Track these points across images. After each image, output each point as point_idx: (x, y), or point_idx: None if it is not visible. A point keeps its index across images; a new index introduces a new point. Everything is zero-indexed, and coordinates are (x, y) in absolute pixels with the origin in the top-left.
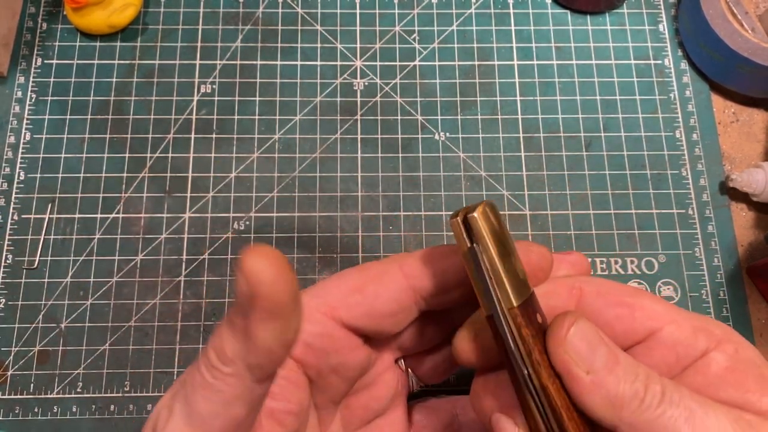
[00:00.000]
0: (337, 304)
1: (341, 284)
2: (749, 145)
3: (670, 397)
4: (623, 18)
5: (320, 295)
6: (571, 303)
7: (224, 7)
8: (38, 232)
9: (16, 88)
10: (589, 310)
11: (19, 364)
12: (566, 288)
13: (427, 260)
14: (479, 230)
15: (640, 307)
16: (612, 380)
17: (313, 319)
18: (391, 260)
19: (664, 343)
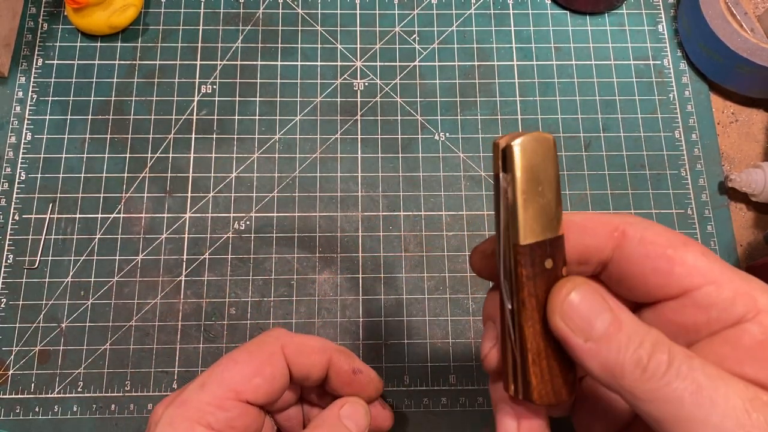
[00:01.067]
0: (243, 389)
1: (241, 370)
2: (748, 146)
3: (678, 368)
4: (623, 18)
5: (224, 381)
6: (610, 245)
7: (225, 7)
8: (39, 232)
9: (17, 88)
10: (628, 257)
11: (19, 364)
12: (608, 229)
13: (301, 350)
14: (512, 162)
15: (681, 263)
16: (612, 348)
17: (228, 406)
18: (272, 341)
19: (699, 304)
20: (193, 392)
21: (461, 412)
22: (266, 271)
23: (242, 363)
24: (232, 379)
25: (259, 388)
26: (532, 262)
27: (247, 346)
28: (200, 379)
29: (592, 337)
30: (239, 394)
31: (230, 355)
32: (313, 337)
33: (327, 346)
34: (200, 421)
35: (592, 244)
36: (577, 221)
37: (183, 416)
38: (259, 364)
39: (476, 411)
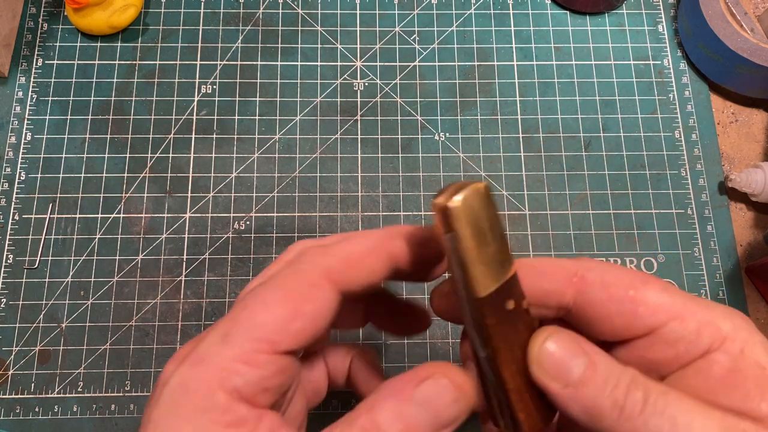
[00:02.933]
0: (278, 338)
1: (273, 313)
2: (748, 146)
3: (654, 405)
4: (622, 18)
5: (253, 329)
6: (570, 290)
7: (225, 7)
8: (39, 232)
9: (17, 88)
10: (590, 302)
11: (19, 364)
12: (565, 274)
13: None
14: (453, 222)
15: (643, 302)
16: (589, 391)
17: (261, 361)
18: (308, 267)
19: (666, 340)
20: (213, 345)
21: None
22: None
23: (274, 302)
24: (265, 327)
25: (301, 334)
26: (495, 311)
27: (278, 278)
28: (221, 328)
29: (569, 383)
30: (275, 345)
31: (257, 292)
32: (354, 239)
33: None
34: (223, 385)
35: (551, 289)
36: (535, 266)
37: (200, 377)
38: (297, 303)
39: None
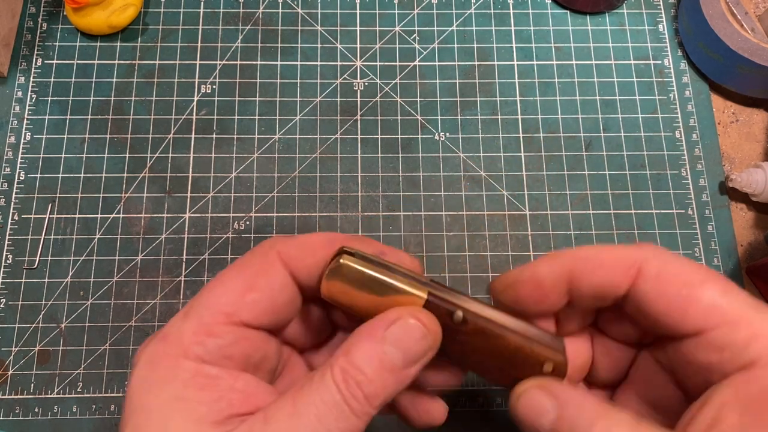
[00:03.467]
0: (234, 309)
1: (229, 288)
2: (749, 145)
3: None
4: (623, 18)
5: (211, 304)
6: (625, 282)
7: (224, 7)
8: (38, 232)
9: (16, 88)
10: (643, 295)
11: (19, 364)
12: (624, 265)
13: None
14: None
15: (696, 302)
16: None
17: (218, 331)
18: (266, 250)
19: (712, 344)
20: (175, 324)
21: (461, 412)
22: None
23: (230, 279)
24: (219, 300)
25: (257, 305)
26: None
27: (237, 261)
28: (184, 309)
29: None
30: (231, 316)
31: (217, 275)
32: (315, 233)
33: (334, 237)
34: (186, 354)
35: (607, 282)
36: (591, 258)
37: (164, 351)
38: (250, 277)
39: (476, 411)
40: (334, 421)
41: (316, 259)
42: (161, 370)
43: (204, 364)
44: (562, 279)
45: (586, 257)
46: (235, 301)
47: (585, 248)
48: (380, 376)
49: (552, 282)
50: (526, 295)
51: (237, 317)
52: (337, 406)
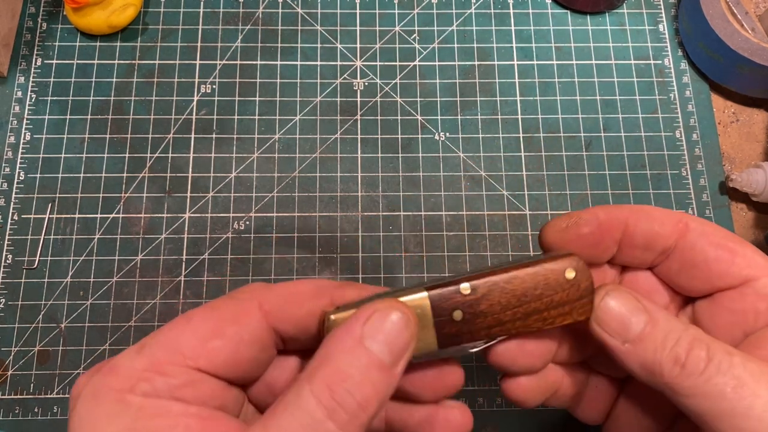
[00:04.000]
0: (193, 353)
1: (194, 329)
2: (749, 145)
3: (718, 364)
4: (623, 18)
5: (168, 342)
6: (675, 234)
7: (224, 7)
8: (38, 232)
9: (16, 88)
10: (691, 246)
11: (19, 364)
12: (673, 219)
13: (288, 300)
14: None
15: (741, 254)
16: (648, 347)
17: (169, 371)
18: (246, 297)
19: (759, 292)
20: (126, 357)
21: None
22: (266, 272)
23: (198, 321)
24: (178, 339)
25: (218, 354)
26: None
27: (211, 302)
28: (141, 342)
29: (629, 339)
30: (188, 359)
31: (188, 312)
32: (302, 281)
33: (322, 285)
34: (133, 390)
35: (660, 232)
36: (646, 210)
37: (110, 386)
38: (219, 322)
39: (477, 411)
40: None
41: (303, 312)
42: (106, 404)
43: (151, 398)
44: (620, 224)
45: (640, 210)
46: (196, 345)
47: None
48: (369, 377)
49: (610, 225)
50: (585, 234)
51: (193, 362)
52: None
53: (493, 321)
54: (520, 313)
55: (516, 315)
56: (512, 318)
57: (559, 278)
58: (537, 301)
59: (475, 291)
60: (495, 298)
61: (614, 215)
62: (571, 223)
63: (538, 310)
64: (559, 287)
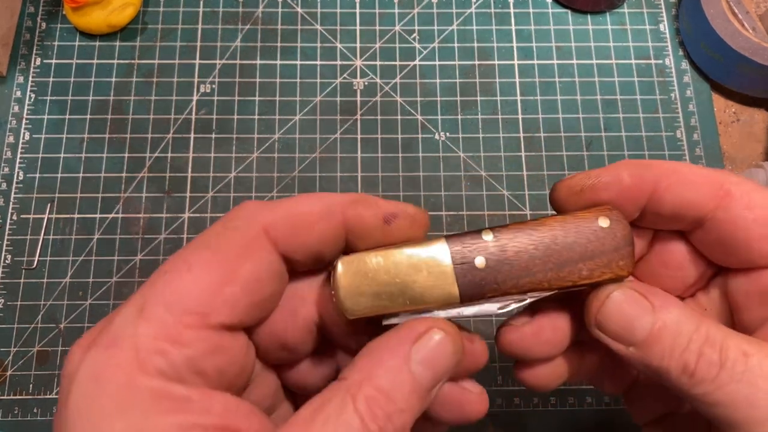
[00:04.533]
0: (208, 308)
1: (200, 277)
2: (750, 145)
3: (731, 370)
4: (624, 18)
5: (176, 300)
6: (712, 203)
7: (224, 6)
8: (37, 232)
9: (15, 87)
10: (732, 219)
11: (18, 365)
12: (712, 185)
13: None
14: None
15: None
16: (655, 353)
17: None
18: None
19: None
20: (127, 322)
21: None
22: None
23: (201, 266)
24: (189, 294)
25: (236, 302)
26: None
27: (206, 236)
28: (137, 299)
29: (633, 343)
30: (204, 317)
31: (179, 254)
32: (305, 197)
33: (332, 202)
34: (144, 368)
35: (693, 200)
36: (679, 171)
37: (115, 363)
38: (229, 262)
39: None
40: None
41: (314, 237)
42: (111, 389)
43: (168, 381)
44: (646, 188)
45: (673, 170)
46: (210, 297)
47: (667, 162)
48: (411, 403)
49: (635, 189)
50: (605, 199)
51: (211, 319)
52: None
53: (522, 271)
54: (552, 263)
55: (547, 264)
56: (543, 268)
57: (592, 225)
58: (569, 250)
59: (499, 238)
60: (521, 244)
61: (642, 178)
62: (588, 186)
63: (571, 261)
64: (593, 236)
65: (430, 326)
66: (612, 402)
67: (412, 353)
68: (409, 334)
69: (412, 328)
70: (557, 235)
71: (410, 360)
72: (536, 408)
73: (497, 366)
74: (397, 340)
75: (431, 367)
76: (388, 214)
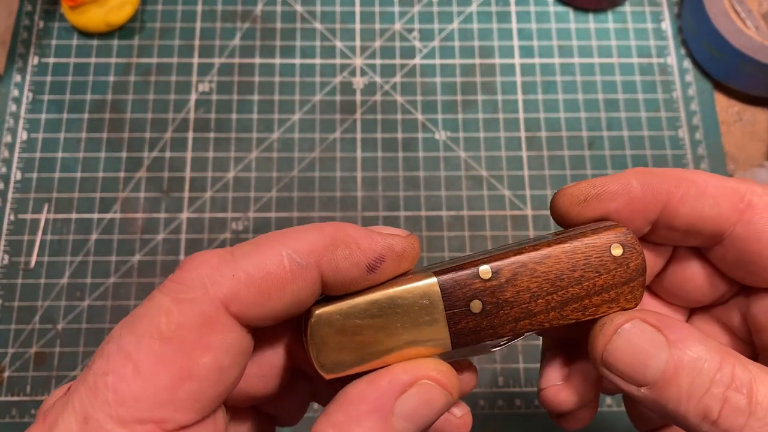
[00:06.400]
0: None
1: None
2: (753, 145)
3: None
4: (625, 16)
5: (126, 412)
6: (733, 217)
7: (222, 5)
8: (35, 232)
9: (12, 86)
10: (755, 235)
11: (15, 366)
12: (733, 198)
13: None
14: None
15: None
16: (671, 396)
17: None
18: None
19: None
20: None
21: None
22: None
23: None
24: (139, 401)
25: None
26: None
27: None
28: (78, 406)
29: (645, 384)
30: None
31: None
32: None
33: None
34: None
35: (711, 214)
36: (696, 182)
37: None
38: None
39: (477, 413)
40: None
41: (284, 301)
42: None
43: None
44: (659, 199)
45: (690, 179)
46: (165, 401)
47: (682, 170)
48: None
49: (646, 200)
50: (611, 211)
51: (173, 423)
52: None
53: (521, 312)
54: (555, 302)
55: (550, 304)
56: (545, 308)
57: (604, 256)
58: (576, 285)
59: (498, 275)
60: (524, 283)
61: (653, 188)
62: (593, 196)
63: (577, 297)
64: (603, 268)
65: (417, 376)
66: (614, 404)
67: (395, 408)
68: (392, 386)
69: (397, 378)
70: (563, 269)
71: (392, 416)
72: (538, 409)
73: (498, 368)
74: (378, 391)
75: (416, 422)
76: (372, 261)
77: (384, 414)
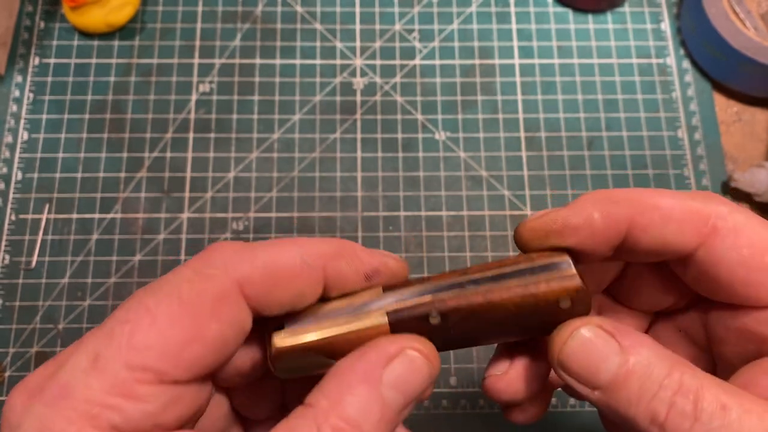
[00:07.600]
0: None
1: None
2: (752, 145)
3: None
4: (625, 17)
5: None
6: (695, 242)
7: (223, 5)
8: (36, 232)
9: (13, 87)
10: (716, 260)
11: (16, 366)
12: (696, 222)
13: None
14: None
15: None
16: (621, 399)
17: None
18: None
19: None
20: (78, 371)
21: (462, 414)
22: None
23: (165, 318)
24: (150, 351)
25: (197, 362)
26: None
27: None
28: (91, 345)
29: (598, 386)
30: (162, 375)
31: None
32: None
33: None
34: (97, 423)
35: (674, 241)
36: (659, 207)
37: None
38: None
39: (477, 414)
40: None
41: (290, 295)
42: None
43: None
44: (621, 229)
45: (653, 206)
46: (172, 356)
47: (645, 192)
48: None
49: (607, 230)
50: (574, 244)
51: (170, 376)
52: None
53: (468, 342)
54: (500, 337)
55: (492, 338)
56: (489, 338)
57: (551, 308)
58: (521, 329)
59: (446, 320)
60: (469, 325)
61: (615, 218)
62: (553, 230)
63: (520, 331)
64: (549, 316)
65: (402, 346)
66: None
67: (383, 376)
68: (380, 355)
69: (384, 348)
70: (509, 317)
71: (381, 384)
72: None
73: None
74: (366, 362)
75: (403, 391)
76: (370, 272)
77: (373, 382)
